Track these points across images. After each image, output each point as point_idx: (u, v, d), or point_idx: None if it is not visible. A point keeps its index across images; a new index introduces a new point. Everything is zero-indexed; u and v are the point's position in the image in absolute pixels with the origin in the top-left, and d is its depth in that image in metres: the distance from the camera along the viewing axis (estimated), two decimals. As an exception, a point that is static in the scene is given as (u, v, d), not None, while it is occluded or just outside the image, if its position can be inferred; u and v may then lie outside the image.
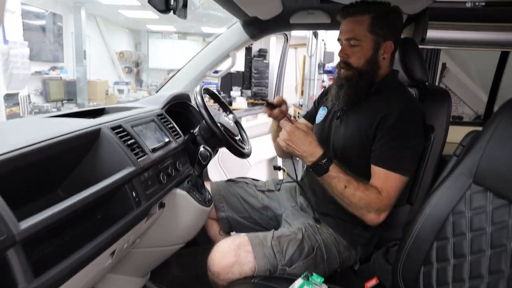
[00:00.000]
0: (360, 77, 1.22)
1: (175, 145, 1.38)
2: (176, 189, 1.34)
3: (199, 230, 1.46)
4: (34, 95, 5.42)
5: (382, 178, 1.15)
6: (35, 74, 5.29)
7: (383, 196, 1.13)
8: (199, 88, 1.57)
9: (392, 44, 1.21)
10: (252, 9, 1.69)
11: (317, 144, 1.13)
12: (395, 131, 1.14)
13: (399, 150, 1.14)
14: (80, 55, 6.01)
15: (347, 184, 1.11)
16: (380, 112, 1.18)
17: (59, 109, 5.45)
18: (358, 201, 1.11)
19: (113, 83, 7.83)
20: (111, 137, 1.06)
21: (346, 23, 1.22)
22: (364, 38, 1.19)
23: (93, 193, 0.92)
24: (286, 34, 3.03)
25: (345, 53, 1.23)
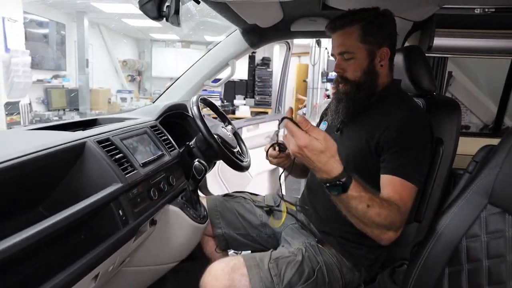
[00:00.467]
0: (358, 90, 1.16)
1: (168, 159, 1.31)
2: (169, 206, 1.27)
3: (193, 248, 1.38)
4: (36, 103, 5.39)
5: (398, 187, 1.03)
6: (37, 82, 5.27)
7: (402, 210, 1.00)
8: (196, 98, 1.50)
9: (388, 50, 1.15)
10: (251, 17, 1.63)
11: (336, 159, 0.89)
12: (404, 141, 1.07)
13: (410, 159, 1.06)
14: (82, 63, 5.99)
15: (370, 202, 0.92)
16: (382, 122, 1.11)
17: (61, 117, 5.42)
18: (383, 220, 0.94)
19: (116, 92, 7.81)
20: (96, 151, 0.99)
21: (336, 36, 1.16)
22: (357, 50, 1.13)
23: (75, 212, 0.85)
24: (288, 42, 2.98)
25: (341, 67, 1.18)
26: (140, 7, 1.13)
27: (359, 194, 0.91)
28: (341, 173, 0.89)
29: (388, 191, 1.03)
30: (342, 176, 0.89)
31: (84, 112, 5.91)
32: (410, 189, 1.04)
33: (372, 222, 0.95)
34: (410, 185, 1.04)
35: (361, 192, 0.91)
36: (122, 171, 1.02)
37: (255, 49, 1.94)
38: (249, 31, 1.82)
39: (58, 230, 0.80)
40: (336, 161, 0.89)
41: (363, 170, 1.13)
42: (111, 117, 1.47)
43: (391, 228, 0.99)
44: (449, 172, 1.33)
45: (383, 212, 0.94)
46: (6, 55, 4.10)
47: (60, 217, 0.81)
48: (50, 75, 5.67)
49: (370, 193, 0.93)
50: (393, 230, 1.00)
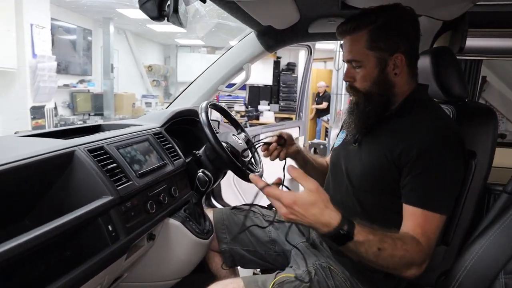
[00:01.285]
0: (368, 101, 1.03)
1: (171, 168, 1.23)
2: (169, 219, 1.18)
3: (196, 264, 1.29)
4: (62, 107, 5.52)
5: (420, 220, 0.92)
6: (63, 87, 5.39)
7: (424, 244, 0.89)
8: (205, 104, 1.42)
9: (403, 57, 1.00)
10: (265, 18, 1.54)
11: (330, 209, 0.80)
12: (427, 160, 0.93)
13: (435, 184, 0.92)
14: (107, 68, 6.10)
15: (381, 245, 0.82)
16: (404, 137, 0.97)
17: (85, 121, 5.51)
18: (399, 261, 0.85)
19: (141, 96, 7.92)
20: (86, 161, 0.92)
21: (345, 42, 1.05)
22: (364, 58, 1.01)
23: (58, 226, 0.78)
24: (309, 46, 2.86)
25: (349, 76, 1.06)
26: (140, 6, 1.06)
27: (367, 239, 0.81)
28: (341, 221, 0.79)
29: (408, 225, 0.92)
30: (343, 224, 0.79)
31: (108, 116, 5.99)
32: (436, 219, 0.92)
33: (388, 264, 0.85)
34: (435, 216, 0.91)
35: (369, 235, 0.82)
36: (114, 183, 0.95)
37: (271, 52, 1.84)
38: (264, 33, 1.73)
39: (40, 245, 0.73)
40: (331, 211, 0.80)
41: (381, 188, 1.01)
42: (115, 123, 1.41)
43: (411, 267, 0.87)
44: (483, 187, 1.17)
45: (397, 254, 0.84)
46: (33, 61, 4.20)
47: (40, 231, 0.74)
48: (76, 80, 5.80)
49: (379, 235, 0.84)
50: (415, 266, 0.88)
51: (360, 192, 1.05)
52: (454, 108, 1.24)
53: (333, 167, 1.19)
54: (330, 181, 1.19)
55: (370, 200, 1.04)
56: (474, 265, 0.80)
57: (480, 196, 1.16)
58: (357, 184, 1.06)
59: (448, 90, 1.22)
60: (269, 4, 1.35)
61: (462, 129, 1.07)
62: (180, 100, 1.96)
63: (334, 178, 1.17)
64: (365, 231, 0.82)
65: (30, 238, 0.69)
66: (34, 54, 4.25)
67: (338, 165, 1.15)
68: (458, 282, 0.81)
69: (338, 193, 1.12)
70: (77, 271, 0.82)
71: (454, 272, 0.83)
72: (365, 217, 1.04)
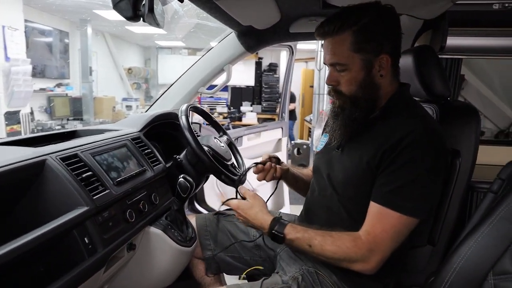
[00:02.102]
0: (354, 106, 0.99)
1: (151, 175, 1.18)
2: (150, 227, 1.13)
3: (179, 273, 1.24)
4: (39, 112, 5.33)
5: (374, 217, 0.93)
6: (40, 91, 5.22)
7: (364, 240, 0.91)
8: (185, 107, 1.38)
9: (389, 57, 0.97)
10: (245, 18, 1.51)
11: (264, 213, 1.04)
12: (402, 159, 0.91)
13: (405, 183, 0.90)
14: (86, 71, 5.94)
15: (311, 242, 0.95)
16: (385, 140, 0.94)
17: (63, 126, 5.35)
18: (332, 255, 0.94)
19: (122, 99, 7.76)
20: (59, 170, 0.87)
21: (326, 44, 1.00)
22: (350, 61, 0.96)
23: (30, 240, 0.73)
24: (291, 46, 2.85)
25: (333, 80, 1.01)
26: (113, 6, 1.01)
27: (296, 236, 0.96)
28: (272, 223, 0.99)
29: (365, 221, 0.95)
30: (274, 225, 0.99)
31: (87, 120, 5.84)
32: (392, 218, 0.91)
33: (325, 258, 0.95)
34: (392, 214, 0.91)
35: (298, 234, 0.97)
36: (90, 192, 0.90)
37: (252, 53, 1.81)
38: (244, 34, 1.69)
39: (10, 262, 0.68)
40: (264, 214, 1.03)
41: (365, 195, 0.98)
42: (91, 128, 1.35)
43: (351, 261, 0.93)
44: (467, 186, 1.17)
45: (327, 248, 0.93)
46: (6, 64, 4.05)
47: (9, 248, 0.69)
48: (53, 84, 5.63)
49: (310, 233, 0.96)
50: (359, 262, 0.92)
51: (344, 199, 1.03)
52: (437, 107, 1.24)
53: (316, 172, 1.16)
54: (315, 186, 1.15)
55: (354, 207, 1.01)
56: (462, 267, 0.78)
57: (465, 194, 1.16)
58: (341, 191, 1.03)
59: (431, 89, 1.21)
60: (249, 3, 1.32)
61: (446, 128, 1.07)
62: (160, 103, 1.91)
63: (318, 183, 1.14)
64: (295, 230, 0.97)
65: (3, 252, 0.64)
66: (7, 57, 4.10)
67: (321, 171, 1.12)
68: (447, 284, 0.80)
69: (323, 199, 1.10)
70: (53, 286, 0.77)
71: (443, 274, 0.82)
72: (351, 222, 1.02)
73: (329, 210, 1.06)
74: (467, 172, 1.14)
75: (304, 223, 1.15)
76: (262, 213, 1.03)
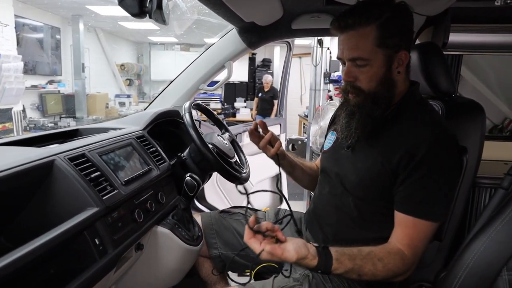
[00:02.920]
0: (374, 103, 0.96)
1: (157, 173, 1.17)
2: (157, 227, 1.12)
3: (186, 272, 1.23)
4: (31, 110, 5.26)
5: (410, 228, 0.92)
6: (31, 88, 5.14)
7: (409, 256, 0.91)
8: (188, 104, 1.36)
9: (407, 54, 0.96)
10: (248, 14, 1.49)
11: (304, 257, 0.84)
12: (424, 168, 0.90)
13: (431, 191, 0.91)
14: (78, 68, 5.85)
15: (360, 271, 0.87)
16: (402, 144, 0.93)
17: (56, 123, 5.28)
18: (382, 278, 0.89)
19: (114, 96, 7.69)
20: (67, 170, 0.85)
21: (347, 38, 0.95)
22: (373, 56, 0.93)
23: (44, 243, 0.72)
24: (288, 42, 2.84)
25: (352, 75, 0.96)
26: (119, 2, 0.99)
27: (345, 270, 0.86)
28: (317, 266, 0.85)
29: (398, 234, 0.94)
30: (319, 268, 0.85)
31: (81, 117, 5.78)
32: (426, 228, 0.92)
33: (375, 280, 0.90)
34: (426, 224, 0.92)
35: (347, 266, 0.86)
36: (99, 193, 0.88)
37: (253, 49, 1.79)
38: (247, 30, 1.68)
39: (23, 267, 0.66)
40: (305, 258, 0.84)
41: (378, 196, 0.99)
42: (93, 127, 1.33)
43: (396, 278, 0.92)
44: (472, 182, 1.18)
45: (379, 274, 0.88)
46: (-4, 61, 3.98)
47: (26, 250, 0.67)
48: (45, 81, 5.55)
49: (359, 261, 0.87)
50: (400, 276, 0.92)
51: (356, 199, 1.02)
52: (442, 103, 1.25)
53: (325, 172, 1.15)
54: (324, 185, 1.14)
55: (366, 207, 1.01)
56: (475, 263, 0.79)
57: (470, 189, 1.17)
58: (353, 191, 1.03)
59: (436, 86, 1.21)
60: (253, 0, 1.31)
61: (451, 124, 1.07)
62: (160, 101, 1.89)
63: (327, 182, 1.13)
64: (342, 263, 0.85)
65: (12, 260, 0.62)
66: (-3, 54, 4.03)
67: (330, 170, 1.11)
68: (460, 280, 0.80)
69: (333, 198, 1.09)
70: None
71: (455, 270, 0.82)
72: (361, 222, 1.02)
73: (339, 210, 1.06)
74: (472, 168, 1.15)
75: (314, 223, 1.16)
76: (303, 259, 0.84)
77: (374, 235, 0.98)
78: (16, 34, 4.44)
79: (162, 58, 9.11)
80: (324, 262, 0.84)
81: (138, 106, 7.83)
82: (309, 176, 1.31)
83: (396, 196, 0.95)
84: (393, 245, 0.92)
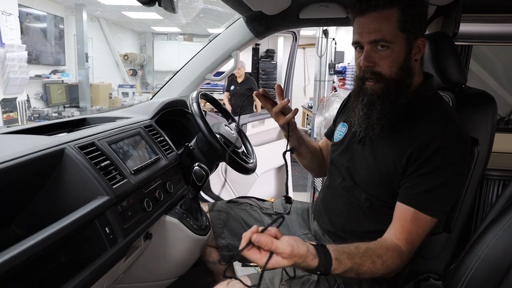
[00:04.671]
0: (397, 90, 0.93)
1: (165, 163, 1.17)
2: (166, 216, 1.12)
3: (194, 262, 1.24)
4: (35, 100, 5.26)
5: (409, 222, 0.91)
6: (35, 78, 5.13)
7: (406, 251, 0.90)
8: (196, 93, 1.36)
9: (425, 41, 0.94)
10: (256, 3, 1.47)
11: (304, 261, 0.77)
12: (432, 164, 0.89)
13: (435, 187, 0.90)
14: (82, 58, 5.83)
15: (359, 270, 0.83)
16: (414, 140, 0.92)
17: (60, 113, 5.27)
18: (380, 274, 0.86)
19: (118, 86, 7.67)
20: (78, 159, 0.85)
21: (369, 20, 0.91)
22: (395, 39, 0.90)
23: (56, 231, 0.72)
24: (294, 32, 2.82)
25: (372, 60, 0.92)
26: (128, -10, 0.98)
27: (344, 270, 0.81)
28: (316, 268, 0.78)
29: (396, 227, 0.92)
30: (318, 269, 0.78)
31: (84, 108, 5.78)
32: (425, 222, 0.91)
33: (371, 277, 0.88)
34: (426, 218, 0.90)
35: (346, 266, 0.81)
36: (109, 181, 0.88)
37: (261, 39, 1.77)
38: (254, 20, 1.66)
39: (36, 254, 0.67)
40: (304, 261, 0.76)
41: (387, 193, 0.98)
42: (101, 116, 1.33)
43: (392, 273, 0.89)
44: (482, 174, 1.17)
45: (378, 272, 0.85)
46: (1, 50, 3.97)
47: (39, 238, 0.68)
48: (48, 70, 5.53)
49: (358, 260, 0.82)
50: (396, 271, 0.89)
51: (367, 193, 1.02)
52: (453, 94, 1.23)
53: (335, 165, 1.14)
54: (335, 177, 1.13)
55: (376, 201, 1.01)
56: (488, 254, 0.79)
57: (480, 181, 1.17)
58: (364, 186, 1.02)
59: (447, 76, 1.20)
60: (262, -12, 1.29)
61: (462, 116, 1.06)
62: (166, 90, 1.88)
63: (338, 175, 1.12)
64: (341, 263, 0.80)
65: (25, 248, 0.62)
66: (1, 43, 4.01)
67: (340, 164, 1.10)
68: (471, 272, 0.80)
69: (343, 191, 1.09)
70: (77, 279, 0.76)
71: (467, 261, 0.82)
72: (372, 214, 1.02)
73: (350, 202, 1.06)
74: (483, 159, 1.14)
75: (322, 213, 1.16)
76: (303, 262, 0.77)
77: (384, 228, 0.98)
78: (20, 23, 4.41)
79: (165, 48, 9.05)
80: (324, 262, 0.78)
81: (142, 97, 7.82)
82: (312, 156, 1.28)
83: (400, 188, 0.94)
84: (390, 240, 0.91)
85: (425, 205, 0.90)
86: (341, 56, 4.80)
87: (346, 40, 4.46)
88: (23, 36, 4.62)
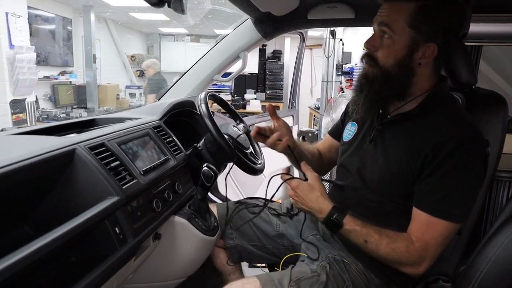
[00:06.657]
0: (385, 82, 0.95)
1: (174, 163, 1.17)
2: (175, 217, 1.13)
3: (202, 262, 1.24)
4: (43, 101, 5.31)
5: (423, 225, 0.91)
6: (44, 79, 5.18)
7: (417, 246, 0.90)
8: (204, 94, 1.36)
9: (436, 48, 0.93)
10: (264, 4, 1.47)
11: (324, 198, 0.98)
12: (448, 166, 0.88)
13: (452, 190, 0.89)
14: (89, 59, 5.88)
15: (367, 238, 0.93)
16: (428, 141, 0.91)
17: (68, 114, 5.31)
18: (386, 256, 0.93)
19: (125, 87, 7.72)
20: (88, 159, 0.86)
21: (386, 5, 0.94)
22: (399, 31, 0.91)
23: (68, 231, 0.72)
24: (302, 33, 2.81)
25: (373, 44, 0.95)
26: (138, -9, 0.98)
27: (354, 228, 0.93)
28: (332, 209, 0.95)
29: (412, 226, 0.94)
30: (334, 212, 0.95)
31: (92, 109, 5.82)
32: (441, 227, 0.90)
33: (377, 256, 0.94)
34: (441, 223, 0.90)
35: (356, 226, 0.94)
36: (119, 182, 0.89)
37: (269, 39, 1.78)
38: (262, 20, 1.66)
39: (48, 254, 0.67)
40: (325, 199, 0.97)
41: (399, 194, 0.98)
42: (110, 117, 1.34)
43: (403, 265, 0.92)
44: (493, 175, 1.16)
45: (382, 249, 0.92)
46: (10, 52, 4.00)
47: (51, 238, 0.68)
48: (57, 72, 5.59)
49: (368, 228, 0.93)
50: (408, 266, 0.92)
51: (378, 195, 1.01)
52: (463, 95, 1.22)
53: (344, 166, 1.13)
54: (344, 178, 1.13)
55: (386, 202, 1.00)
56: (499, 256, 0.77)
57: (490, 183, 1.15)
58: (373, 187, 1.02)
59: (457, 77, 1.19)
60: (270, -11, 1.30)
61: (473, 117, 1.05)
62: (174, 91, 1.89)
63: (347, 176, 1.11)
64: (354, 222, 0.94)
65: (37, 248, 0.63)
66: (11, 45, 4.05)
67: (350, 165, 1.09)
68: (482, 274, 0.79)
69: (353, 191, 1.08)
70: (87, 279, 0.76)
71: (477, 263, 0.81)
72: (381, 215, 1.01)
73: (359, 203, 1.05)
74: (493, 161, 1.13)
75: None
76: (323, 197, 0.97)
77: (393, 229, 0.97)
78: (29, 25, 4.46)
79: (172, 49, 9.09)
80: (338, 211, 0.94)
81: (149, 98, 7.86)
82: (310, 162, 1.26)
83: (416, 192, 0.94)
84: (404, 234, 0.94)
85: (441, 211, 0.89)
86: (349, 57, 4.79)
87: (353, 40, 4.44)
88: (32, 37, 4.67)
